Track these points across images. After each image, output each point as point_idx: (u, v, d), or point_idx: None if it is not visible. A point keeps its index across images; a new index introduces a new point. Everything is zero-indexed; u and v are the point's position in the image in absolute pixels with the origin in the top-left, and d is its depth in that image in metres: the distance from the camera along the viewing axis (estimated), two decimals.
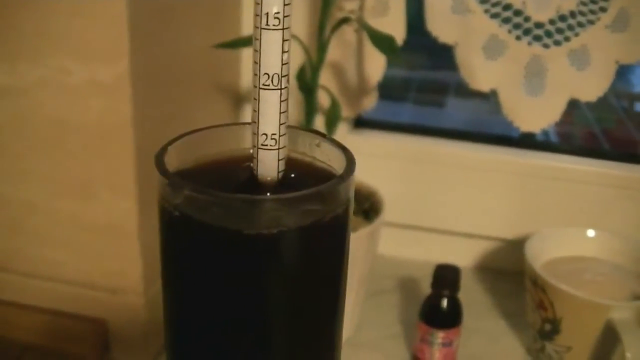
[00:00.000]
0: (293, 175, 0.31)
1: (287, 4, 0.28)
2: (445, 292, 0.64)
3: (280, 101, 0.29)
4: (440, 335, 0.64)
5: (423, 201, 0.82)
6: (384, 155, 0.81)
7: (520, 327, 0.73)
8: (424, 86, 1.02)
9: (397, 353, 0.70)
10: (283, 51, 0.29)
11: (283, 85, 0.29)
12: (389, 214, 0.69)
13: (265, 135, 0.30)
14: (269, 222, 0.27)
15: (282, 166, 0.30)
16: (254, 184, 0.30)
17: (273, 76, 0.29)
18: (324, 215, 0.29)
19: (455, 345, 0.65)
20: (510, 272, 0.80)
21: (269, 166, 0.30)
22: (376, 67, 0.76)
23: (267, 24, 0.28)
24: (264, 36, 0.28)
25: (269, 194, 0.30)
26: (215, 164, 0.32)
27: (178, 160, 0.31)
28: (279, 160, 0.30)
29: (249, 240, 0.27)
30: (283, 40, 0.29)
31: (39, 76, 0.57)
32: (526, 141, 0.82)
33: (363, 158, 0.83)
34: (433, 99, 1.00)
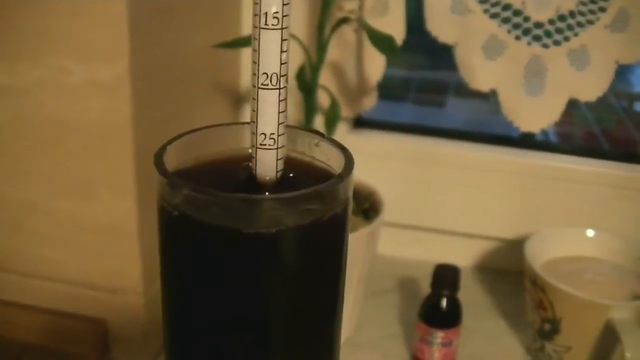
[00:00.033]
0: (292, 174, 0.31)
1: (286, 4, 0.28)
2: (445, 292, 0.64)
3: (279, 101, 0.29)
4: (439, 335, 0.64)
5: (423, 201, 0.82)
6: (384, 155, 0.81)
7: (519, 327, 0.73)
8: (424, 86, 1.02)
9: (397, 353, 0.70)
10: (282, 51, 0.29)
11: (282, 85, 0.29)
12: (389, 213, 0.69)
13: (264, 134, 0.30)
14: (268, 222, 0.27)
15: (281, 166, 0.30)
16: (253, 183, 0.30)
17: (272, 76, 0.29)
18: (323, 215, 0.29)
19: (455, 345, 0.65)
20: (509, 272, 0.80)
21: (267, 166, 0.30)
22: (376, 67, 0.76)
23: (266, 24, 0.28)
24: (262, 36, 0.28)
25: (267, 194, 0.30)
26: (214, 163, 0.32)
27: (177, 160, 0.31)
28: (277, 159, 0.30)
29: (248, 239, 0.27)
30: (282, 39, 0.29)
31: (39, 76, 0.57)
32: (526, 141, 0.82)
33: (363, 158, 0.83)
34: (433, 99, 1.00)
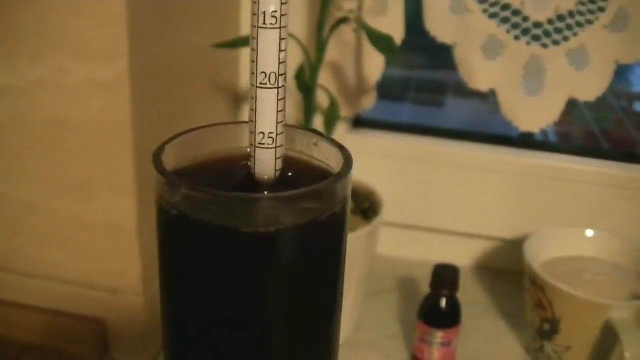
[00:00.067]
0: (290, 174, 0.31)
1: (285, 3, 0.28)
2: (445, 292, 0.64)
3: (278, 100, 0.29)
4: (439, 335, 0.64)
5: (422, 201, 0.82)
6: (383, 155, 0.81)
7: (519, 327, 0.73)
8: (423, 86, 1.02)
9: (396, 353, 0.70)
10: (280, 50, 0.29)
11: (280, 84, 0.29)
12: (388, 213, 0.69)
13: (263, 134, 0.30)
14: (266, 221, 0.27)
15: (280, 165, 0.30)
16: (252, 182, 0.30)
17: (270, 75, 0.29)
18: (321, 214, 0.29)
19: (454, 345, 0.65)
20: (509, 272, 0.80)
21: (266, 165, 0.30)
22: (375, 67, 0.76)
23: (265, 23, 0.28)
24: (261, 35, 0.28)
25: (266, 193, 0.30)
26: (213, 162, 0.32)
27: (176, 159, 0.31)
28: (276, 159, 0.30)
29: (246, 238, 0.27)
30: (280, 39, 0.29)
31: (38, 76, 0.57)
32: (525, 141, 0.82)
33: (362, 158, 0.83)
34: (432, 99, 1.00)
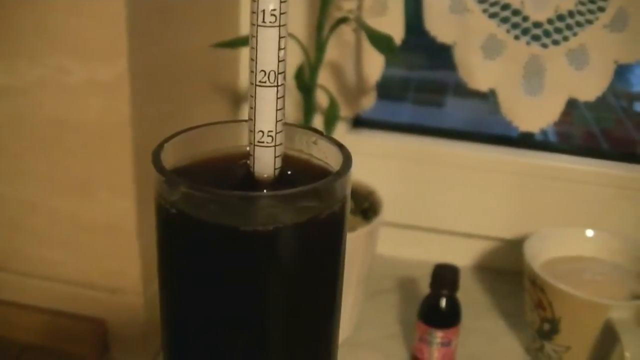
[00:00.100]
0: (290, 172, 0.31)
1: (284, 1, 0.28)
2: (444, 292, 0.64)
3: (277, 98, 0.29)
4: (439, 335, 0.64)
5: (422, 201, 0.82)
6: (383, 155, 0.81)
7: (519, 327, 0.73)
8: (423, 86, 1.02)
9: (396, 353, 0.70)
10: (279, 48, 0.29)
11: (279, 82, 0.29)
12: (388, 213, 0.69)
13: (262, 132, 0.30)
14: (265, 219, 0.27)
15: (279, 163, 0.30)
16: (251, 181, 0.30)
17: (269, 73, 0.29)
18: (320, 212, 0.29)
19: (454, 345, 0.65)
20: (509, 272, 0.80)
21: (265, 163, 0.30)
22: (375, 67, 0.76)
23: (264, 21, 0.28)
24: (260, 33, 0.28)
25: (265, 191, 0.30)
26: (212, 161, 0.32)
27: (175, 158, 0.31)
28: (275, 157, 0.30)
29: (245, 236, 0.27)
30: (279, 37, 0.29)
31: (38, 75, 0.57)
32: (525, 141, 0.82)
33: (362, 158, 0.83)
34: (432, 99, 1.00)
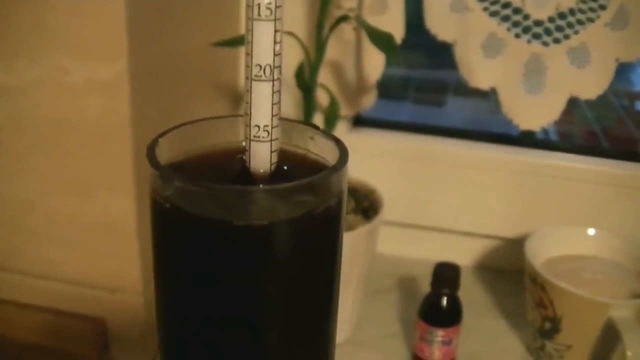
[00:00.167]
0: (286, 167, 0.31)
1: None
2: (445, 291, 0.64)
3: (273, 92, 0.29)
4: (439, 334, 0.64)
5: (422, 200, 0.82)
6: (383, 154, 0.81)
7: (520, 326, 0.73)
8: (423, 85, 1.02)
9: (397, 352, 0.69)
10: (275, 42, 0.29)
11: (275, 77, 0.29)
12: (388, 212, 0.69)
13: (258, 127, 0.29)
14: (259, 214, 0.27)
15: (275, 158, 0.30)
16: (247, 176, 0.30)
17: (265, 67, 0.29)
18: (316, 207, 0.28)
19: (455, 343, 0.65)
20: (509, 271, 0.80)
21: (261, 158, 0.30)
22: (375, 66, 0.76)
23: (259, 15, 0.28)
24: (255, 27, 0.28)
25: (261, 186, 0.30)
26: (207, 156, 0.32)
27: (170, 153, 0.31)
28: (271, 152, 0.30)
29: (239, 231, 0.27)
30: (275, 31, 0.28)
31: (37, 75, 0.57)
32: (526, 140, 0.81)
33: (362, 157, 0.83)
34: (432, 98, 1.00)
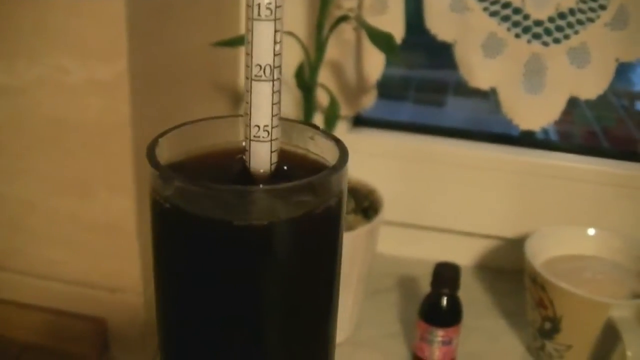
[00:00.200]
0: (286, 167, 0.31)
1: None
2: (445, 291, 0.64)
3: (273, 92, 0.29)
4: (440, 334, 0.64)
5: (422, 200, 0.82)
6: (383, 154, 0.81)
7: (520, 326, 0.73)
8: (423, 85, 1.02)
9: (397, 352, 0.69)
10: (275, 42, 0.29)
11: (275, 77, 0.29)
12: (388, 212, 0.69)
13: (258, 127, 0.29)
14: (259, 214, 0.27)
15: (275, 158, 0.30)
16: (247, 176, 0.30)
17: (265, 67, 0.29)
18: (316, 207, 0.28)
19: (455, 343, 0.65)
20: (509, 271, 0.80)
21: (261, 158, 0.30)
22: (375, 66, 0.76)
23: (259, 15, 0.28)
24: (255, 27, 0.28)
25: (261, 186, 0.30)
26: (207, 156, 0.32)
27: (170, 153, 0.31)
28: (271, 152, 0.30)
29: (239, 231, 0.27)
30: (275, 31, 0.28)
31: (37, 75, 0.57)
32: (526, 139, 0.81)
33: (362, 157, 0.83)
34: (432, 98, 1.00)
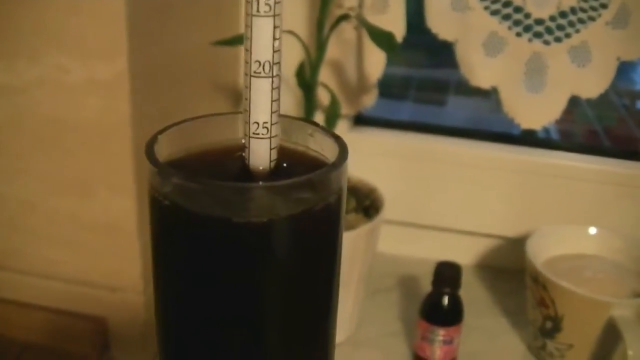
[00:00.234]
0: (285, 164, 0.30)
1: None
2: (446, 290, 0.64)
3: (272, 89, 0.29)
4: (441, 333, 0.64)
5: (423, 199, 0.82)
6: (384, 153, 0.81)
7: (521, 325, 0.73)
8: (424, 84, 1.02)
9: (398, 351, 0.69)
10: (274, 38, 0.28)
11: (274, 73, 0.29)
12: (389, 211, 0.68)
13: (257, 123, 0.29)
14: (258, 211, 0.27)
15: (275, 155, 0.30)
16: (246, 173, 0.30)
17: (264, 64, 0.29)
18: (315, 204, 0.28)
19: (456, 342, 0.65)
20: (511, 270, 0.80)
21: (260, 155, 0.30)
22: (376, 64, 0.76)
23: (258, 11, 0.28)
24: (254, 23, 0.28)
25: (260, 183, 0.29)
26: (207, 153, 0.32)
27: (169, 150, 0.30)
28: (271, 149, 0.30)
29: (238, 228, 0.27)
30: (274, 26, 0.28)
31: (37, 74, 0.57)
32: (527, 138, 0.81)
33: (363, 156, 0.83)
34: (433, 97, 1.00)
